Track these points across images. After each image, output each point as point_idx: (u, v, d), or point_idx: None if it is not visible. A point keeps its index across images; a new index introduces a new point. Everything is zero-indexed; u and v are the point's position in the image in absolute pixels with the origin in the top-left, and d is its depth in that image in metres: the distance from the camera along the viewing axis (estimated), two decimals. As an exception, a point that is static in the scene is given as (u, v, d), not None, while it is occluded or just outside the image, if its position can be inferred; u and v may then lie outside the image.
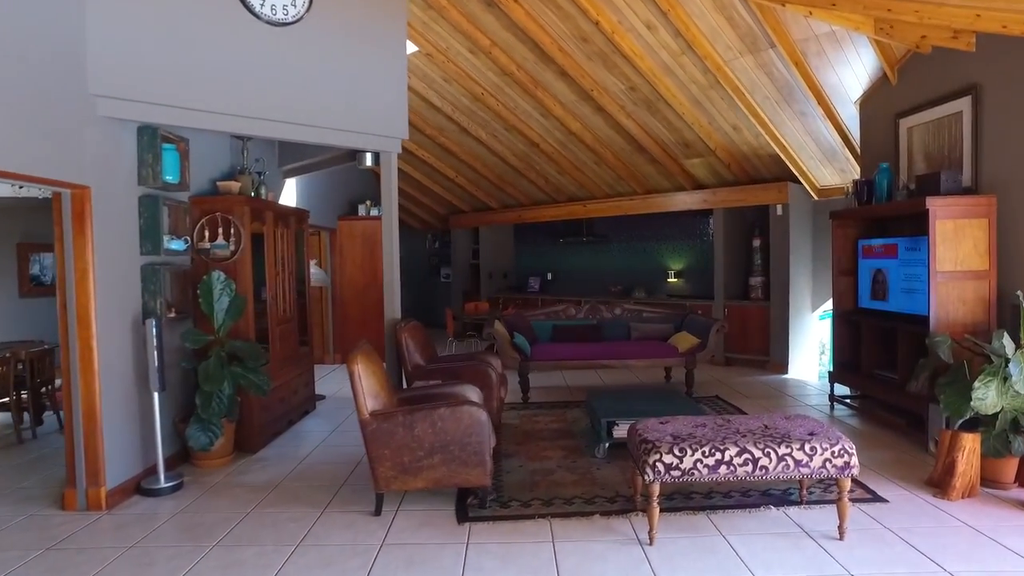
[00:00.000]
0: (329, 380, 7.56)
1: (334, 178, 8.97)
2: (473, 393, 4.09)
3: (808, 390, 6.51)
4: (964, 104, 4.52)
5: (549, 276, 10.99)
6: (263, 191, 5.44)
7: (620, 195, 9.30)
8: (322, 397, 6.57)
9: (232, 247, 4.75)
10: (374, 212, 9.02)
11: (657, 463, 2.93)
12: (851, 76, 5.58)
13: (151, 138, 4.09)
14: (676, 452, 2.94)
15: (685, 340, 6.30)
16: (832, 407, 5.64)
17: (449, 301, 12.33)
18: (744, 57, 5.69)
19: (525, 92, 7.38)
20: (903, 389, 4.64)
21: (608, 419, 4.35)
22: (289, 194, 7.02)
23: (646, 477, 2.95)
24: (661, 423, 3.32)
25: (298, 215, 5.91)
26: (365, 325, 8.93)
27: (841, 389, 5.68)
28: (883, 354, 5.17)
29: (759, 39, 5.39)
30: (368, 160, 5.25)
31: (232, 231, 4.75)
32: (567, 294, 10.20)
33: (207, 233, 4.74)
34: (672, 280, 9.15)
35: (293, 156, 6.52)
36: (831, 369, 5.70)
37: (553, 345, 6.47)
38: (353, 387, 3.48)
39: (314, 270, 6.61)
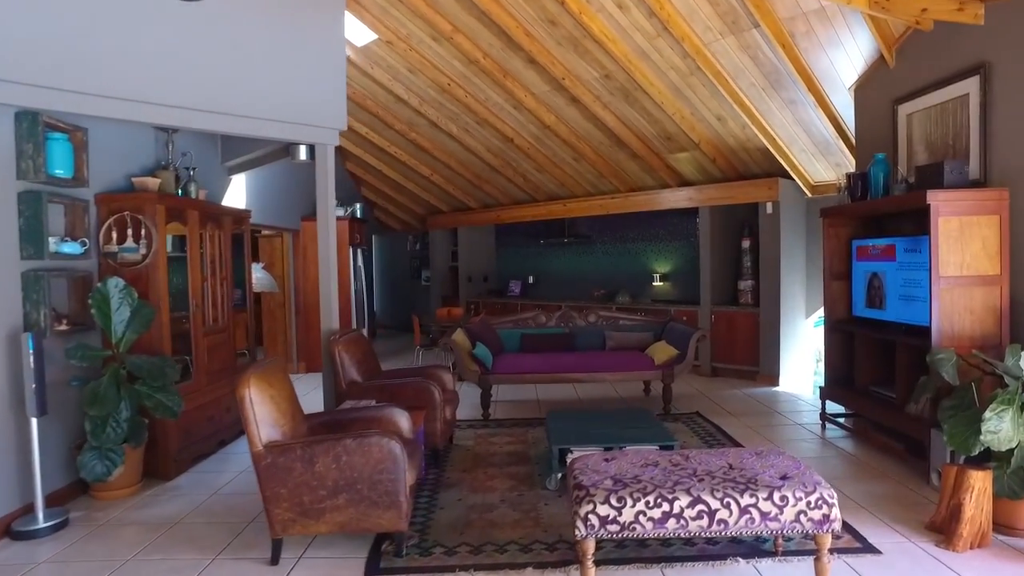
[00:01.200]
0: (304, 391, 7.01)
1: (298, 175, 8.43)
2: (402, 418, 3.54)
3: (799, 405, 5.93)
4: (971, 85, 3.95)
5: (531, 279, 10.43)
6: (193, 188, 4.91)
7: (603, 193, 8.74)
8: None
9: (143, 250, 4.22)
10: (339, 212, 8.48)
11: (590, 515, 2.38)
12: (844, 59, 5.01)
13: (31, 125, 3.56)
14: (614, 502, 2.38)
15: (663, 351, 5.73)
16: (824, 427, 5.06)
17: (428, 305, 11.79)
18: (726, 39, 5.13)
19: (494, 82, 6.84)
20: (902, 410, 4.07)
21: (561, 446, 3.80)
22: (238, 193, 6.49)
23: (577, 532, 2.39)
24: (605, 460, 2.77)
25: (236, 215, 5.37)
26: (330, 332, 8.39)
27: (836, 406, 5.10)
28: (880, 369, 4.59)
29: (741, 18, 4.84)
30: (302, 154, 4.72)
31: (144, 232, 4.22)
32: (548, 298, 9.64)
33: (115, 235, 4.21)
34: (658, 284, 8.58)
35: (237, 151, 5.98)
36: (823, 384, 5.12)
37: (517, 356, 5.91)
38: (243, 415, 2.93)
39: (260, 274, 6.08)
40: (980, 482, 2.95)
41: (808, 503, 2.37)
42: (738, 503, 2.36)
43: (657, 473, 2.56)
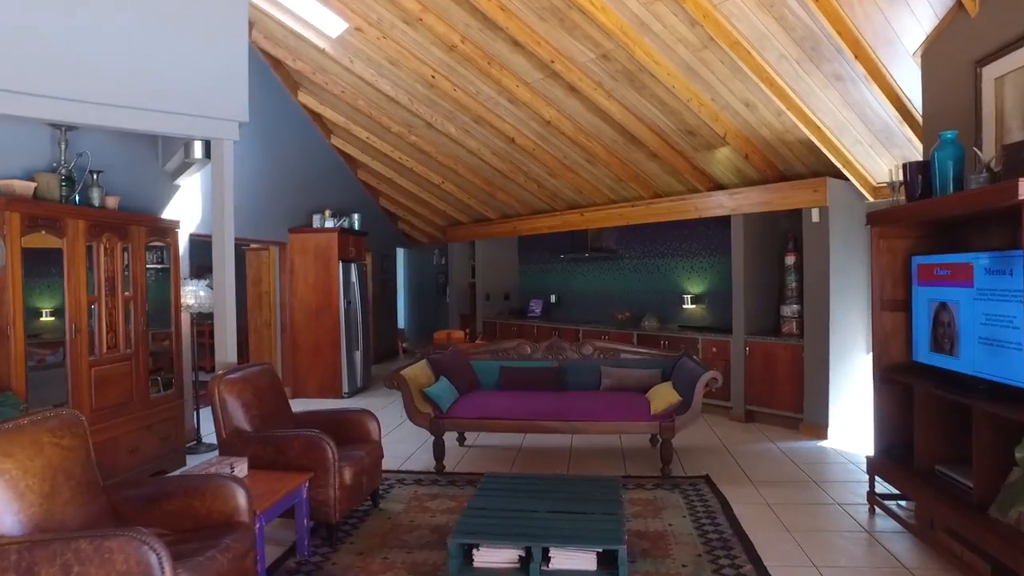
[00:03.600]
0: None
1: (289, 183, 7.78)
2: (237, 492, 2.59)
3: (849, 472, 4.53)
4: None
5: (552, 299, 9.32)
6: (96, 195, 4.23)
7: (625, 200, 7.56)
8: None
9: (-5, 264, 3.52)
10: (329, 223, 7.74)
11: None
12: (905, 15, 3.70)
13: None
14: None
15: (663, 396, 4.52)
16: (872, 511, 3.70)
17: (448, 324, 10.91)
18: (739, -7, 3.95)
19: (480, 71, 5.88)
20: (983, 511, 2.72)
21: (466, 540, 2.73)
22: (193, 202, 5.81)
23: None
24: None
25: (153, 225, 4.63)
26: (318, 354, 7.66)
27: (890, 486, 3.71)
28: (951, 441, 3.22)
29: (755, -39, 3.66)
30: (198, 151, 3.93)
31: (-2, 243, 3.53)
32: (568, 321, 8.51)
33: (-35, 246, 3.54)
34: (689, 307, 7.28)
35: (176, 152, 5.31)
36: (872, 454, 3.75)
37: (481, 397, 4.86)
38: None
39: (204, 292, 5.35)
40: None
41: None
42: None
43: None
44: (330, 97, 7.55)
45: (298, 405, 7.31)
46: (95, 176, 4.28)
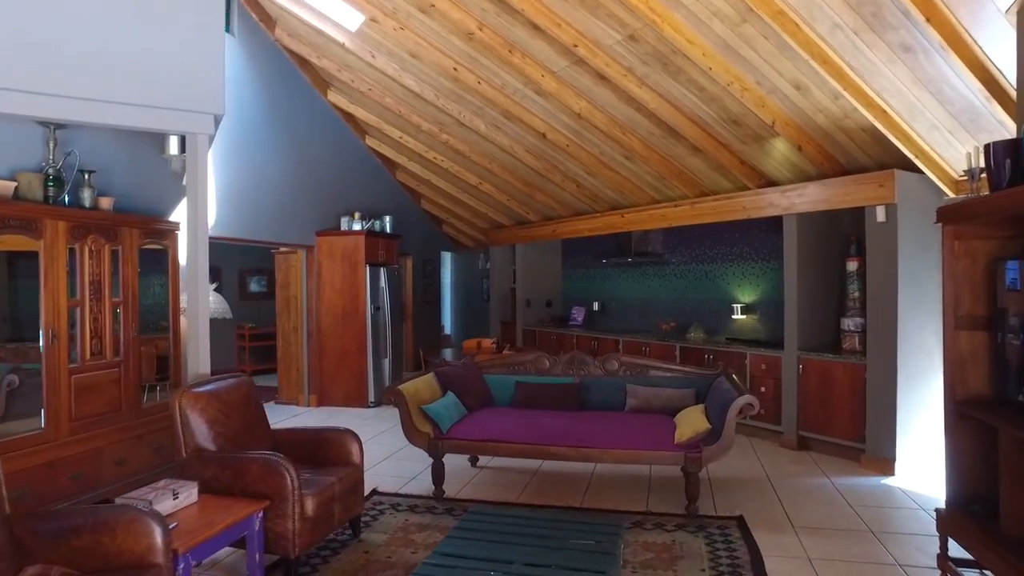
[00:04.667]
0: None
1: (319, 184, 7.62)
2: (151, 528, 2.26)
3: (921, 521, 3.78)
4: None
5: (596, 306, 8.75)
6: (87, 195, 4.09)
7: (669, 200, 6.92)
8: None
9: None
10: (357, 226, 7.50)
11: None
12: (989, -40, 3.00)
13: None
14: None
15: (690, 422, 3.92)
16: (945, 579, 2.98)
17: (489, 331, 10.52)
18: (780, -49, 3.34)
19: (502, 60, 5.45)
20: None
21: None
22: (231, 206, 5.66)
23: None
24: None
25: (148, 227, 4.44)
26: (344, 361, 7.43)
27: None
28: (1049, 499, 2.50)
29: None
30: (173, 147, 3.69)
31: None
32: (610, 331, 7.92)
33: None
34: (739, 317, 6.56)
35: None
36: (942, 507, 3.03)
37: (487, 415, 4.40)
38: None
39: (211, 296, 5.17)
40: None
41: None
42: None
43: None
44: (359, 96, 7.33)
45: (324, 414, 7.19)
46: (87, 176, 4.12)
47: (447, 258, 12.56)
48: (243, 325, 9.97)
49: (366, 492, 4.30)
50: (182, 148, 4.31)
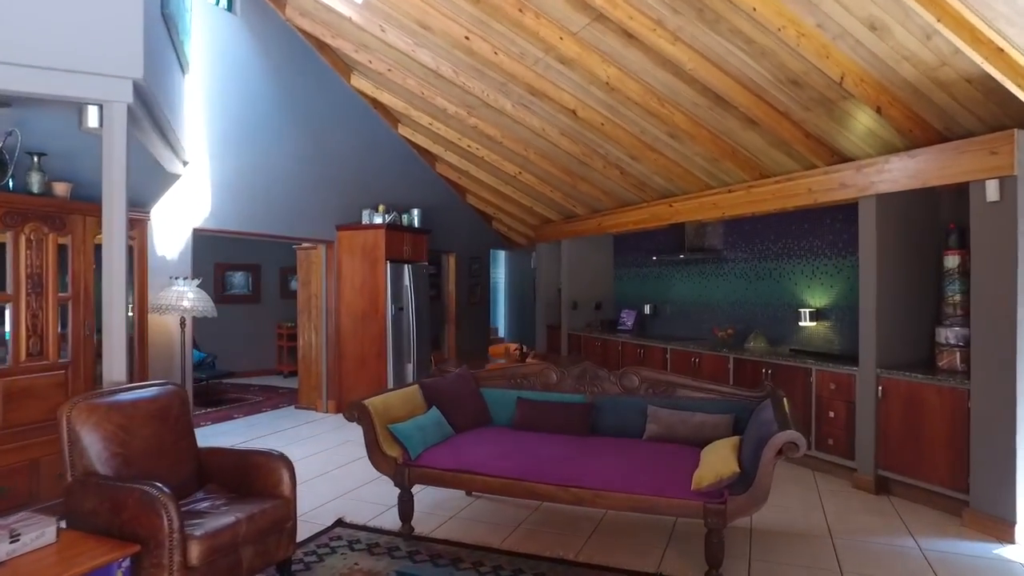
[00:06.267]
0: (304, 437, 5.78)
1: (342, 175, 7.17)
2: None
3: (1046, 613, 2.69)
4: None
5: (647, 309, 7.79)
6: (35, 180, 3.75)
7: (724, 185, 5.91)
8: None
9: None
10: (377, 219, 6.98)
11: None
12: None
13: None
14: None
15: (715, 461, 3.00)
16: None
17: (535, 334, 9.78)
18: None
19: (513, 23, 4.72)
20: None
21: None
22: (203, 193, 5.28)
23: None
24: None
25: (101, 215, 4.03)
26: (363, 365, 6.94)
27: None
28: None
29: None
30: (91, 119, 3.20)
31: None
32: (661, 338, 6.97)
33: None
34: (808, 324, 5.45)
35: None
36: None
37: (474, 437, 3.67)
38: None
39: (191, 293, 4.76)
40: None
41: None
42: None
43: None
44: (382, 79, 6.81)
45: (338, 422, 6.65)
46: (36, 159, 3.77)
47: (500, 257, 11.94)
48: (282, 325, 9.76)
49: (330, 522, 3.71)
50: (79, 121, 3.77)
